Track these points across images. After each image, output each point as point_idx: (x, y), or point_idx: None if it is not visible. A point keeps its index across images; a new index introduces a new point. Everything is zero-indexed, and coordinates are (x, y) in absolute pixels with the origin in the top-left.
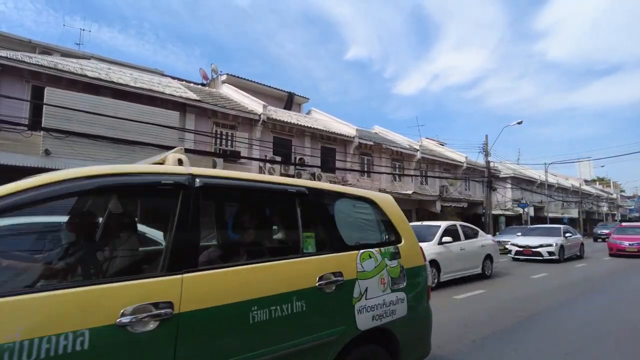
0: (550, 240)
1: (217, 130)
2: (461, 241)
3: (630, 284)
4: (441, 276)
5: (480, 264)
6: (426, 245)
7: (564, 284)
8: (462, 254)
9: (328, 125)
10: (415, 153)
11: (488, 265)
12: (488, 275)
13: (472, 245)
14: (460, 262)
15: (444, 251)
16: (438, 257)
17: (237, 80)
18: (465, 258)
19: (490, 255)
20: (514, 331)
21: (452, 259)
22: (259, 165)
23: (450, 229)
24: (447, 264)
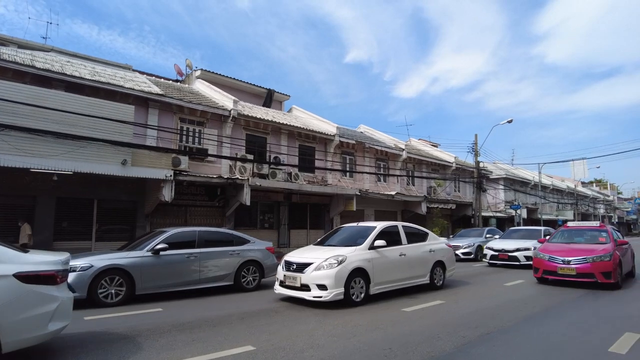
0: (528, 244)
1: (183, 127)
2: (402, 245)
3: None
4: (371, 288)
5: (428, 272)
6: (351, 251)
7: (539, 293)
8: (402, 260)
9: (307, 123)
10: (400, 153)
11: (439, 273)
12: (438, 285)
13: (417, 251)
14: (400, 270)
15: (376, 257)
16: (367, 265)
17: (211, 76)
18: (407, 265)
19: (442, 262)
20: (450, 357)
21: (387, 267)
22: (229, 164)
23: (388, 231)
24: (380, 273)
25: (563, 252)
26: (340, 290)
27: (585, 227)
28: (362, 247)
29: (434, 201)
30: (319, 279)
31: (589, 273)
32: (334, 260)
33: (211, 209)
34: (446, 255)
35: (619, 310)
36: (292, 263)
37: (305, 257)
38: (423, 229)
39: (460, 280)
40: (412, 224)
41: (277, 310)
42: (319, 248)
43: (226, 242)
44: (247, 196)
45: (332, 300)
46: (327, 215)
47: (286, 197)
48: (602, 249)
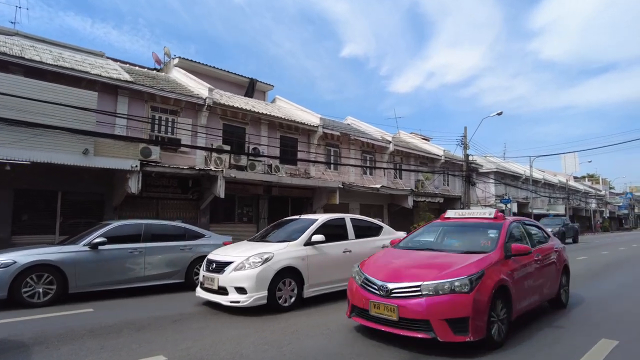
0: None
1: (155, 116)
2: (348, 240)
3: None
4: (305, 290)
5: None
6: (281, 248)
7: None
8: (347, 258)
9: (290, 114)
10: (387, 145)
11: None
12: None
13: (366, 246)
14: (344, 269)
15: (313, 255)
16: (300, 264)
17: (190, 64)
18: (353, 263)
19: None
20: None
21: (327, 266)
22: (204, 155)
23: (332, 225)
24: (318, 273)
25: (392, 271)
26: (262, 293)
27: (471, 219)
28: (296, 243)
29: (420, 195)
30: (238, 280)
31: (418, 320)
32: (258, 259)
33: (185, 202)
34: None
35: None
36: (213, 262)
37: (228, 254)
38: (377, 222)
39: None
40: (365, 217)
41: (215, 312)
42: (252, 244)
43: (177, 237)
44: (221, 188)
45: (252, 306)
46: (310, 209)
47: (266, 190)
48: (461, 266)
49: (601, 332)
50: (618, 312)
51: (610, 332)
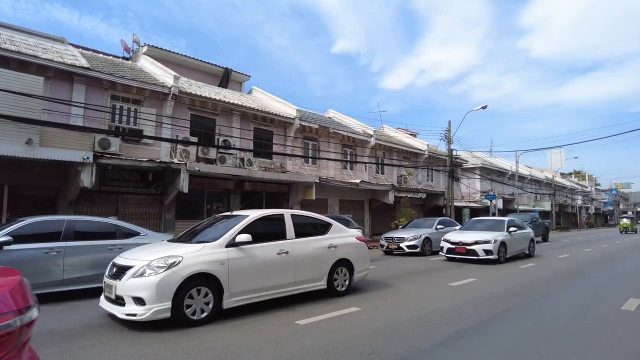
0: (488, 236)
1: (116, 105)
2: (286, 240)
3: (578, 293)
4: (225, 300)
5: (325, 274)
6: (195, 250)
7: (488, 295)
8: (282, 261)
9: (266, 105)
10: (368, 139)
11: (342, 275)
12: (341, 291)
13: (308, 247)
14: (278, 273)
15: (236, 258)
16: (217, 269)
17: (160, 53)
18: (290, 267)
19: (348, 260)
20: None
21: (256, 271)
22: (169, 147)
23: (266, 222)
24: (244, 279)
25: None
26: (164, 305)
27: None
28: (215, 244)
29: (402, 190)
30: (135, 289)
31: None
32: (162, 263)
33: (147, 197)
34: (354, 252)
35: None
36: (115, 265)
37: (133, 257)
38: (325, 219)
39: (392, 280)
40: (310, 213)
41: (116, 327)
42: (167, 245)
43: (105, 235)
44: (185, 182)
45: (151, 320)
46: (286, 205)
47: (237, 184)
48: None
49: None
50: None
51: None
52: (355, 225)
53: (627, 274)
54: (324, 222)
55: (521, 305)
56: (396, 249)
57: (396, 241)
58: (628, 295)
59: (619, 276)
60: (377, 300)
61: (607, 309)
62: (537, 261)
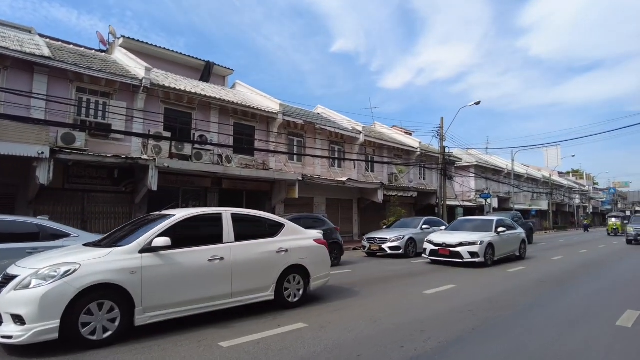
0: (474, 237)
1: (83, 98)
2: (222, 244)
3: (568, 303)
4: (137, 316)
5: (273, 283)
6: (99, 256)
7: (463, 306)
8: (214, 268)
9: (247, 99)
10: (357, 136)
11: (295, 284)
12: (293, 302)
13: (250, 251)
14: (209, 283)
15: (154, 265)
16: (127, 279)
17: (137, 45)
18: (225, 275)
19: (302, 266)
20: None
21: (180, 280)
22: (141, 142)
23: (197, 223)
24: (163, 291)
25: None
26: (50, 324)
27: None
28: (126, 249)
29: (392, 189)
30: (15, 304)
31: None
32: (53, 272)
33: (117, 196)
34: (311, 257)
35: None
36: (5, 275)
37: (27, 265)
38: (276, 219)
39: (361, 287)
40: (258, 212)
41: (6, 347)
42: (75, 250)
43: (25, 237)
44: (154, 180)
45: (33, 343)
46: (269, 204)
47: (215, 182)
48: None
49: None
50: None
51: None
52: (330, 224)
53: (625, 279)
54: (274, 222)
55: (498, 320)
56: (378, 250)
57: (378, 242)
58: (624, 306)
59: (615, 282)
60: (331, 314)
61: (599, 325)
62: (528, 264)
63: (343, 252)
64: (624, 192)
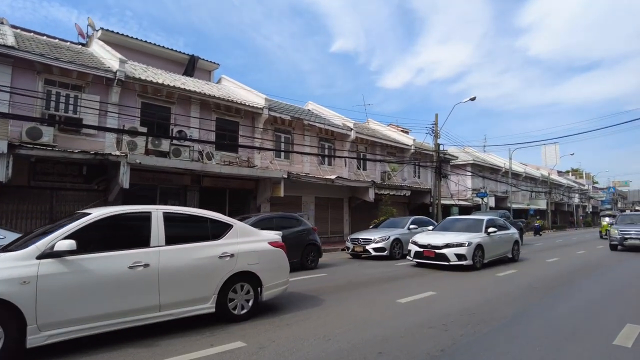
0: (461, 238)
1: (52, 91)
2: (149, 248)
3: (558, 315)
4: (30, 336)
5: (214, 293)
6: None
7: (436, 319)
8: (137, 276)
9: (232, 94)
10: (348, 132)
11: (243, 294)
12: (240, 314)
13: (186, 256)
14: (130, 294)
15: (54, 273)
16: (15, 292)
17: (116, 38)
18: (152, 284)
19: (253, 274)
20: None
21: (87, 292)
22: (116, 138)
23: (117, 223)
24: (64, 304)
25: None
26: None
27: None
28: (19, 255)
29: (384, 187)
30: None
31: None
32: None
33: (89, 193)
34: (264, 263)
35: None
36: None
37: None
38: (222, 219)
39: (329, 294)
40: (199, 211)
41: None
42: None
43: None
44: (125, 177)
45: None
46: (254, 203)
47: (195, 180)
48: None
49: None
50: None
51: None
52: (307, 224)
53: (624, 284)
54: (220, 222)
55: (473, 338)
56: (362, 251)
57: (362, 243)
58: (624, 318)
59: (614, 288)
60: (280, 330)
61: (593, 345)
62: (520, 267)
63: (321, 255)
64: (624, 191)
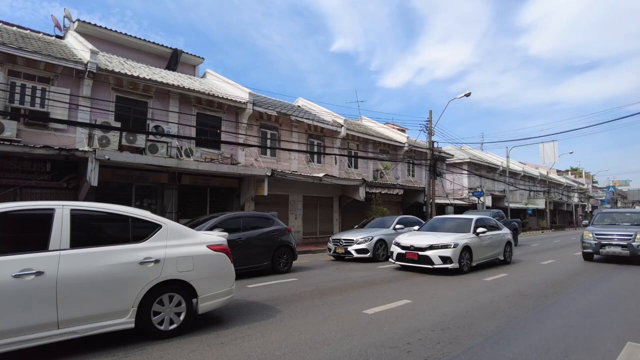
0: (447, 239)
1: (17, 83)
2: (45, 252)
3: (547, 332)
4: None
5: (133, 305)
6: None
7: (402, 336)
8: (27, 287)
9: (213, 88)
10: (338, 129)
11: (173, 305)
12: (166, 330)
13: (95, 263)
14: (16, 308)
15: None
16: None
17: (94, 30)
18: (48, 296)
19: (186, 283)
20: None
21: None
22: (88, 133)
23: (5, 222)
24: None
25: None
26: None
27: None
28: None
29: (375, 186)
30: None
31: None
32: None
33: (57, 192)
34: (199, 269)
35: None
36: None
37: None
38: (148, 218)
39: (288, 304)
40: (119, 207)
41: None
42: None
43: None
44: (93, 174)
45: None
46: (237, 201)
47: (173, 177)
48: None
49: None
50: None
51: None
52: (280, 225)
53: (626, 292)
54: (144, 222)
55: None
56: (344, 253)
57: (344, 244)
58: (624, 335)
59: (613, 296)
60: (207, 351)
61: None
62: (512, 270)
63: (296, 257)
64: (624, 190)
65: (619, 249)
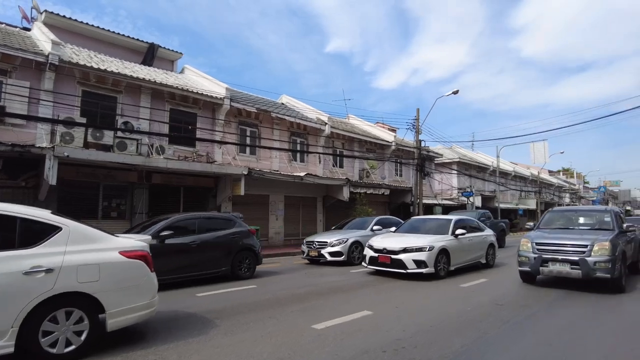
0: (422, 242)
1: None
2: None
3: (517, 354)
4: None
5: (13, 326)
6: None
7: (344, 358)
8: None
9: (189, 83)
10: (322, 127)
11: (70, 323)
12: (61, 353)
13: None
14: None
15: None
16: None
17: (64, 22)
18: None
19: (90, 296)
20: None
21: None
22: (50, 129)
23: None
24: None
25: None
26: None
27: None
28: None
29: (360, 185)
30: None
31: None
32: None
33: (15, 191)
34: (107, 279)
35: None
36: None
37: None
38: (44, 219)
39: (231, 317)
40: (4, 205)
41: None
42: None
43: None
44: (52, 172)
45: None
46: (214, 202)
47: (142, 176)
48: None
49: None
50: None
51: None
52: (242, 226)
53: (616, 299)
54: (37, 224)
55: None
56: (317, 256)
57: (317, 247)
58: (609, 357)
59: (600, 307)
60: None
61: None
62: (493, 275)
63: (260, 262)
64: (615, 191)
65: (567, 267)
